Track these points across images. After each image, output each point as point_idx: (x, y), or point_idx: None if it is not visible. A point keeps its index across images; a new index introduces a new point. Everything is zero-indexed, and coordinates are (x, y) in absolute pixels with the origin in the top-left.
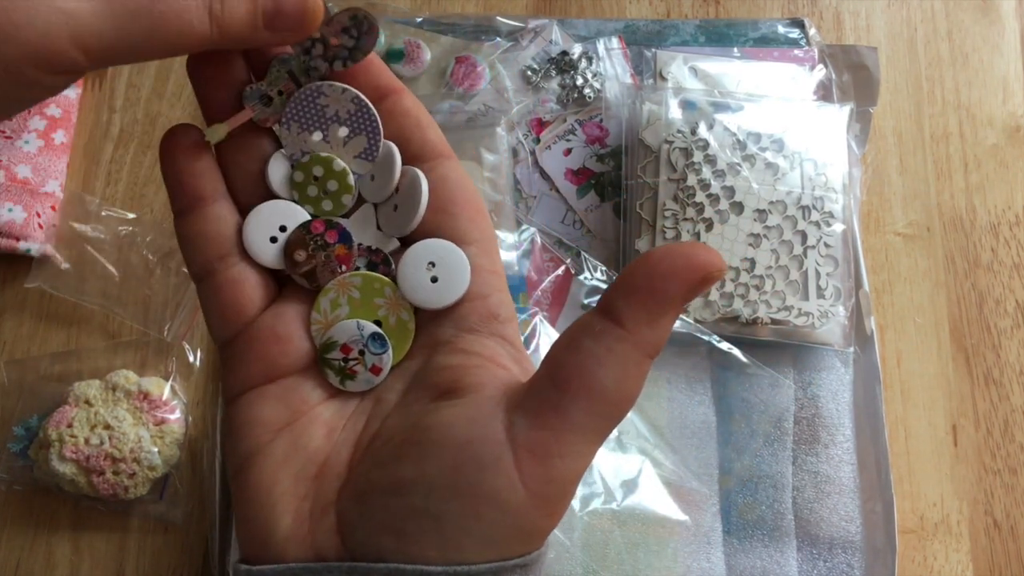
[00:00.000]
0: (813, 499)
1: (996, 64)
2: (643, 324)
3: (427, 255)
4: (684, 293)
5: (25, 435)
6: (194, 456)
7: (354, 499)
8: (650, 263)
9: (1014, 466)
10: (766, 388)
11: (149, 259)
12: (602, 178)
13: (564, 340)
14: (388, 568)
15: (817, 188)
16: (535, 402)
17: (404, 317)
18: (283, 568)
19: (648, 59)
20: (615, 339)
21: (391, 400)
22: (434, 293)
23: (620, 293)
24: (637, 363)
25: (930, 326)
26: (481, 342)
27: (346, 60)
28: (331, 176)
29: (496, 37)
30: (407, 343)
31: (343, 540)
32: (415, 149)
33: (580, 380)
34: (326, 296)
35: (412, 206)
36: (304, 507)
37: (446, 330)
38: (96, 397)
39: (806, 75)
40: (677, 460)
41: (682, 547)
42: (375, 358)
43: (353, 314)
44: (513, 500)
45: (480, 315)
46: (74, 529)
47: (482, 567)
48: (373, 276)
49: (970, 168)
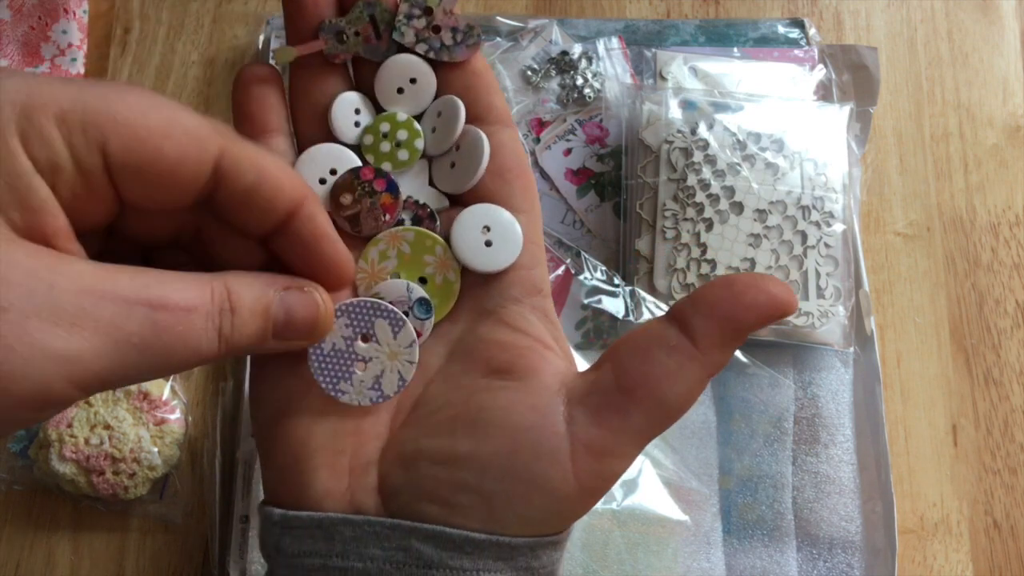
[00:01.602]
0: (813, 499)
1: (996, 64)
2: (715, 346)
3: (483, 219)
4: (760, 324)
5: (25, 435)
6: (194, 456)
7: (400, 463)
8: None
9: (1014, 466)
10: (766, 388)
11: None
12: (602, 178)
13: (632, 344)
14: (434, 529)
15: (817, 188)
16: (598, 401)
17: (451, 278)
18: (320, 516)
19: (648, 59)
20: (687, 356)
21: (433, 364)
22: (487, 257)
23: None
24: (701, 381)
25: (930, 326)
26: (526, 317)
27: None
28: (398, 127)
29: (496, 37)
30: (449, 304)
31: (384, 500)
32: (480, 111)
33: (647, 390)
34: (375, 246)
35: (472, 165)
36: (342, 462)
37: (492, 298)
38: (96, 397)
39: (806, 75)
40: (677, 460)
41: (682, 547)
42: (417, 323)
43: (400, 267)
44: (563, 490)
45: (525, 286)
46: (74, 529)
47: (522, 540)
48: (426, 233)
49: (970, 168)
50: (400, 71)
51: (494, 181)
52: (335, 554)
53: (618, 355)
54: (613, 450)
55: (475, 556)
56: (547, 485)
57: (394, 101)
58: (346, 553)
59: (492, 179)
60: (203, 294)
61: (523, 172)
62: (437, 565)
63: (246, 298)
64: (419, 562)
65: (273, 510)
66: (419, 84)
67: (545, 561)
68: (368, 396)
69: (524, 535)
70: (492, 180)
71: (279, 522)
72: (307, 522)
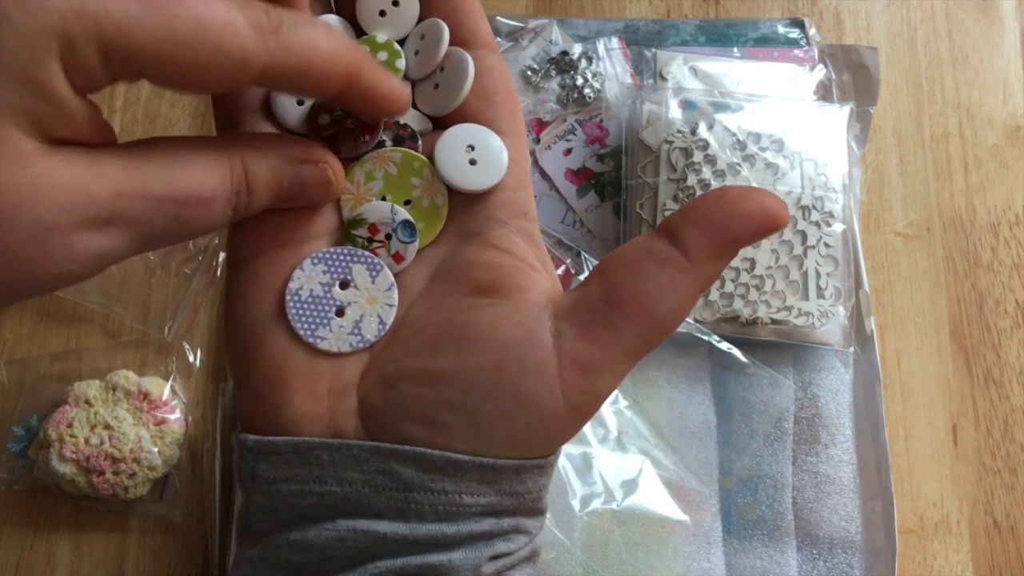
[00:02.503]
0: (813, 499)
1: (996, 64)
2: (707, 258)
3: (467, 138)
4: (752, 236)
5: (25, 435)
6: (194, 456)
7: (381, 384)
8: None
9: (1014, 466)
10: (766, 388)
11: (150, 259)
12: (602, 178)
13: (621, 258)
14: (415, 451)
15: (817, 188)
16: (586, 315)
17: (438, 201)
18: (297, 440)
19: (648, 59)
20: (678, 269)
21: (415, 287)
22: (472, 175)
23: (690, 223)
24: (692, 295)
25: (930, 326)
26: (511, 239)
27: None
28: (378, 48)
29: (496, 37)
30: (437, 228)
31: (364, 423)
32: (464, 35)
33: (637, 303)
34: (362, 167)
35: (456, 85)
36: (320, 385)
37: (476, 219)
38: (96, 397)
39: (806, 75)
40: (677, 460)
41: (682, 547)
42: (401, 246)
43: (387, 189)
44: (550, 407)
45: (510, 208)
46: (74, 529)
47: (506, 462)
48: (414, 155)
49: (970, 168)
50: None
51: (479, 103)
52: (312, 479)
53: (607, 269)
54: (602, 366)
55: (457, 478)
56: (534, 401)
57: (376, 24)
58: (323, 478)
59: (477, 101)
60: (224, 179)
61: (509, 95)
62: (418, 487)
63: (262, 178)
64: (399, 485)
65: (248, 436)
66: (401, 7)
67: (531, 486)
68: (348, 341)
69: (511, 457)
70: (477, 102)
71: (253, 448)
72: (283, 447)
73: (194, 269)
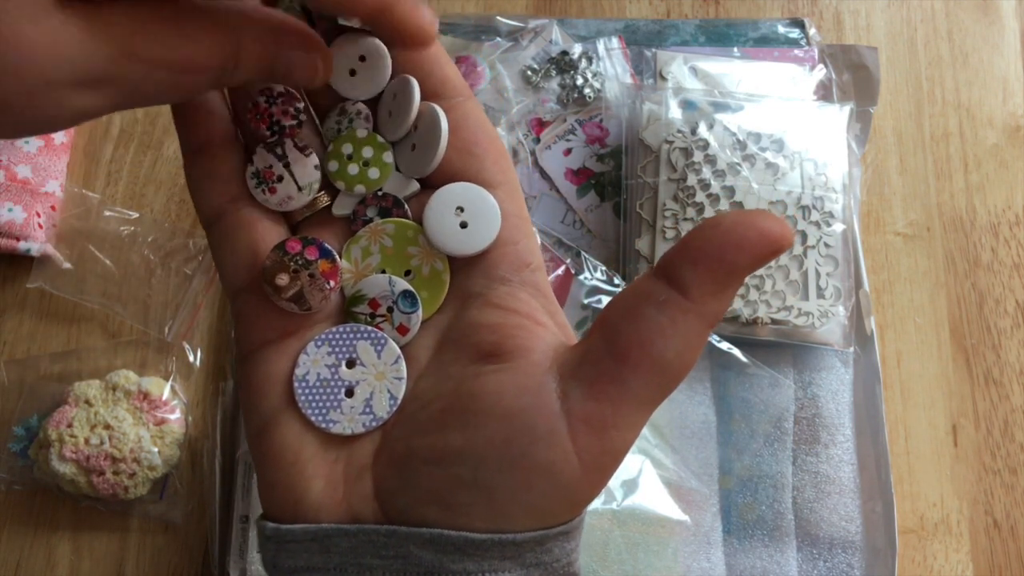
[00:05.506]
0: (813, 499)
1: (996, 64)
2: (709, 294)
3: (454, 199)
4: (753, 264)
5: (25, 435)
6: (194, 456)
7: (394, 466)
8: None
9: (1014, 466)
10: (766, 388)
11: (150, 259)
12: (602, 178)
13: (621, 306)
14: (432, 533)
15: (817, 188)
16: (591, 372)
17: (438, 267)
18: (315, 528)
19: (648, 59)
20: (680, 310)
21: (422, 359)
22: (464, 239)
23: (686, 260)
24: (699, 334)
25: (930, 326)
26: (515, 295)
27: None
28: (361, 145)
29: (496, 37)
30: (441, 295)
31: (382, 506)
32: (435, 85)
33: (641, 351)
34: (357, 244)
35: (432, 144)
36: (337, 470)
37: (477, 280)
38: (96, 397)
39: (806, 75)
40: (677, 460)
41: (682, 547)
42: (404, 317)
43: (385, 263)
44: (566, 472)
45: (511, 263)
46: (74, 529)
47: (527, 535)
48: (406, 223)
49: (970, 168)
50: (349, 51)
51: (461, 157)
52: (332, 567)
53: (607, 320)
54: (615, 422)
55: (478, 558)
56: (548, 469)
57: (348, 86)
58: (343, 566)
59: (458, 156)
60: (222, 51)
61: (491, 143)
62: (437, 570)
63: (253, 55)
64: (419, 569)
65: (267, 524)
66: (370, 62)
67: (558, 554)
68: (360, 422)
69: (533, 528)
70: (459, 157)
71: (272, 537)
72: (300, 535)
73: (194, 269)
